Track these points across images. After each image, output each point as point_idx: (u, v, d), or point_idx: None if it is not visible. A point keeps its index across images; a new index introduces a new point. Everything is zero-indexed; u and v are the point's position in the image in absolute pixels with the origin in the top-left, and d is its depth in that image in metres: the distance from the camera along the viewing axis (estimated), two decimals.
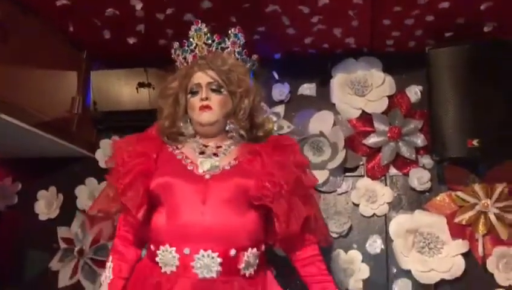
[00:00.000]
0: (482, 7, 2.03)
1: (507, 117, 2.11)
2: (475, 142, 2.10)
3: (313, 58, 2.57)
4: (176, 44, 1.69)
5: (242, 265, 1.43)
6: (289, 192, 1.45)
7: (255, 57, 1.70)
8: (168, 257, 1.42)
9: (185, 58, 1.65)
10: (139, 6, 2.08)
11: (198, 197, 1.43)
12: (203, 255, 1.39)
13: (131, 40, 2.37)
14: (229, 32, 1.64)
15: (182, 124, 1.59)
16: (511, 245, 2.20)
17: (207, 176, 1.47)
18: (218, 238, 1.40)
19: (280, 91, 2.61)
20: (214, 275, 1.39)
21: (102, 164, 2.69)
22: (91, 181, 2.68)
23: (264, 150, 1.53)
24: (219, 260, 1.39)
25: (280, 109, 2.60)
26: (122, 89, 2.66)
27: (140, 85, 2.69)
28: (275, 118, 2.59)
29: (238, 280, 1.42)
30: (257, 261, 1.47)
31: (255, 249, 1.46)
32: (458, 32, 2.24)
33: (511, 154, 2.16)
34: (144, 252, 1.59)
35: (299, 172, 1.51)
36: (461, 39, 2.22)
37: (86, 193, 2.66)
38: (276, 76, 2.65)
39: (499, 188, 2.21)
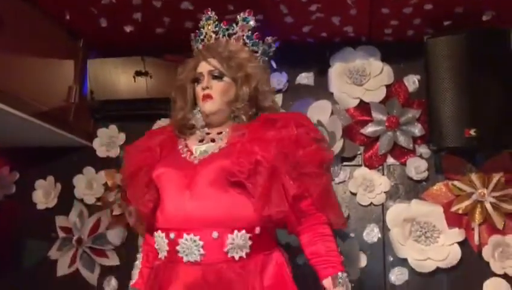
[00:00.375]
0: None
1: (504, 107, 2.11)
2: (472, 132, 2.10)
3: (311, 47, 2.55)
4: (192, 35, 1.67)
5: (226, 248, 1.39)
6: (271, 169, 1.39)
7: (269, 39, 1.66)
8: (160, 242, 1.47)
9: (197, 48, 1.64)
10: None
11: (183, 183, 1.44)
12: (186, 239, 1.40)
13: (128, 29, 2.35)
14: (238, 16, 1.62)
15: (191, 116, 1.60)
16: (506, 234, 2.22)
17: (195, 162, 1.48)
18: (199, 222, 1.40)
19: (278, 80, 2.60)
20: (198, 258, 1.39)
21: (99, 153, 2.69)
22: (89, 170, 2.68)
23: (251, 127, 1.50)
24: (201, 243, 1.39)
25: (278, 98, 2.58)
26: (119, 77, 2.64)
27: (138, 74, 2.67)
28: None
29: (226, 263, 1.40)
30: (249, 243, 1.41)
31: (243, 231, 1.40)
32: (456, 21, 2.23)
33: (507, 144, 2.16)
34: None
35: (291, 147, 1.43)
36: (459, 28, 2.21)
37: (84, 182, 2.66)
38: (274, 65, 2.62)
39: (496, 177, 2.23)
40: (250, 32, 1.60)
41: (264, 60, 1.66)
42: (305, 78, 2.60)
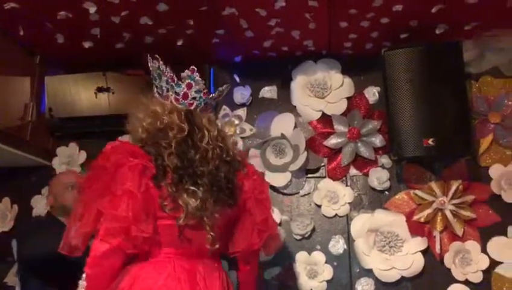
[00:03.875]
0: (433, 10, 2.08)
1: (459, 116, 2.17)
2: (430, 141, 2.15)
3: (273, 61, 2.58)
4: (162, 66, 1.65)
5: None
6: None
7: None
8: None
9: (167, 90, 1.64)
10: (92, 9, 2.02)
11: None
12: None
13: (86, 44, 2.31)
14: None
15: None
16: (466, 240, 2.27)
17: None
18: None
19: (242, 94, 2.61)
20: None
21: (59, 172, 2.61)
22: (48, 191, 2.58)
23: None
24: None
25: (242, 112, 2.59)
26: (80, 94, 2.58)
27: (99, 90, 2.63)
28: (237, 121, 2.59)
29: None
30: None
31: None
32: (412, 34, 2.30)
33: (463, 152, 2.22)
34: None
35: None
36: (415, 41, 2.28)
37: (43, 203, 2.56)
38: (238, 79, 2.65)
39: (454, 185, 2.28)
40: (165, 77, 1.64)
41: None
42: (269, 91, 2.62)
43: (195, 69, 1.65)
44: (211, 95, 1.69)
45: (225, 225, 1.64)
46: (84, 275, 1.55)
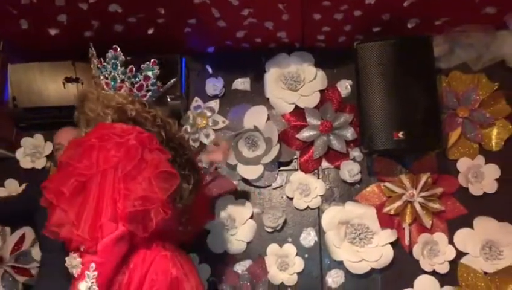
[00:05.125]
0: (405, 4, 2.10)
1: (428, 110, 2.20)
2: (400, 135, 2.17)
3: (247, 53, 2.55)
4: (122, 56, 1.68)
5: None
6: None
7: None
8: None
9: (122, 80, 1.66)
10: None
11: None
12: None
13: (52, 32, 2.23)
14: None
15: None
16: (434, 232, 2.31)
17: None
18: None
19: (214, 86, 2.57)
20: None
21: (23, 164, 2.52)
22: (11, 183, 2.50)
23: None
24: None
25: (214, 104, 2.56)
26: (47, 83, 2.50)
27: (68, 80, 2.55)
28: (209, 113, 2.55)
29: None
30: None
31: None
32: (385, 28, 2.31)
33: (433, 145, 2.26)
34: None
35: None
36: (387, 35, 2.29)
37: (5, 196, 2.47)
38: (210, 70, 2.61)
39: (424, 178, 2.31)
40: (122, 67, 1.66)
41: (152, 82, 1.70)
42: (242, 83, 2.59)
43: (157, 61, 1.67)
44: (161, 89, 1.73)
45: None
46: (77, 260, 1.46)
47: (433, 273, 2.28)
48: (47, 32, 2.23)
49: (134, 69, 1.66)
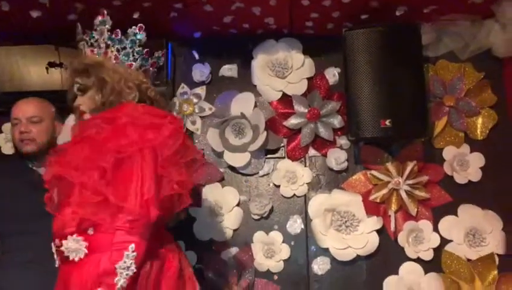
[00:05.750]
0: None
1: (415, 98, 2.21)
2: (387, 122, 2.17)
3: (234, 39, 2.52)
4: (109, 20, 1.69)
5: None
6: None
7: (131, 30, 1.69)
8: None
9: (107, 46, 1.66)
10: None
11: None
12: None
13: (34, 14, 2.17)
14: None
15: None
16: (419, 220, 2.33)
17: None
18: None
19: (201, 72, 2.53)
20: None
21: (5, 150, 2.47)
22: None
23: None
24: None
25: (201, 90, 2.53)
26: (29, 67, 2.45)
27: (51, 65, 2.50)
28: (195, 100, 2.52)
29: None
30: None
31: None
32: (373, 15, 2.30)
33: (420, 133, 2.27)
34: None
35: None
36: (376, 22, 2.28)
37: None
38: (197, 56, 2.57)
39: (410, 166, 2.32)
40: (109, 33, 1.65)
41: (138, 50, 1.69)
42: (229, 70, 2.56)
43: (143, 27, 1.67)
44: (150, 61, 1.72)
45: None
46: (81, 243, 1.43)
47: (418, 260, 2.30)
48: (29, 15, 2.16)
49: (120, 33, 1.64)
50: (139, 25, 1.66)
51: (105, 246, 1.39)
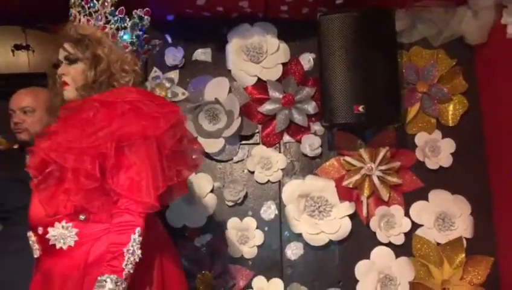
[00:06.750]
0: None
1: (389, 84, 2.22)
2: (361, 108, 2.18)
3: (208, 22, 2.46)
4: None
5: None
6: None
7: (138, 12, 1.58)
8: None
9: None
10: None
11: None
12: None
13: None
14: None
15: None
16: (391, 205, 2.36)
17: None
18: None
19: (173, 56, 2.48)
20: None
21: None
22: None
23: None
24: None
25: (174, 75, 2.48)
26: None
27: (17, 47, 2.43)
28: (168, 84, 2.47)
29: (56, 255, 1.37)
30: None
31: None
32: (348, 1, 2.28)
33: (392, 119, 2.28)
34: None
35: None
36: (350, 7, 2.26)
37: None
38: (170, 39, 2.51)
39: (382, 152, 2.34)
40: (112, 8, 1.53)
41: (138, 34, 1.58)
42: (202, 54, 2.51)
43: (150, 11, 1.60)
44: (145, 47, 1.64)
45: None
46: (70, 229, 1.37)
47: (389, 244, 2.34)
48: None
49: (124, 11, 1.53)
50: (146, 9, 1.57)
51: (98, 233, 1.34)
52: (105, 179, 1.34)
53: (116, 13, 1.53)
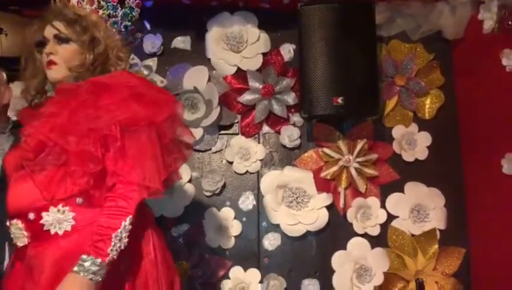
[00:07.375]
0: None
1: (368, 76, 2.23)
2: (340, 100, 2.19)
3: (188, 10, 2.42)
4: None
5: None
6: None
7: (130, 2, 1.58)
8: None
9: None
10: None
11: None
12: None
13: None
14: None
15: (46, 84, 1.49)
16: (367, 197, 2.39)
17: None
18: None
19: (152, 43, 2.43)
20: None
21: None
22: None
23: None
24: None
25: (152, 62, 2.43)
26: None
27: None
28: (146, 72, 2.42)
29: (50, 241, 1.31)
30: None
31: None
32: None
33: (371, 112, 2.30)
34: None
35: None
36: None
37: None
38: (148, 26, 2.46)
39: (360, 144, 2.37)
40: None
41: (126, 25, 1.58)
42: (182, 42, 2.47)
43: (141, 3, 1.60)
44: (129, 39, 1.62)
45: None
46: (66, 214, 1.31)
47: (365, 235, 2.37)
48: None
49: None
50: (137, 0, 1.56)
51: (95, 217, 1.29)
52: (105, 162, 1.30)
53: (110, 0, 1.51)
